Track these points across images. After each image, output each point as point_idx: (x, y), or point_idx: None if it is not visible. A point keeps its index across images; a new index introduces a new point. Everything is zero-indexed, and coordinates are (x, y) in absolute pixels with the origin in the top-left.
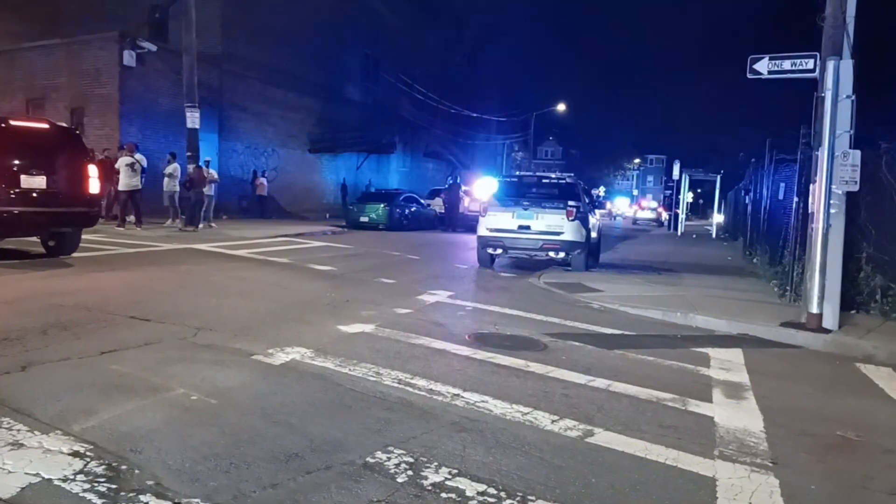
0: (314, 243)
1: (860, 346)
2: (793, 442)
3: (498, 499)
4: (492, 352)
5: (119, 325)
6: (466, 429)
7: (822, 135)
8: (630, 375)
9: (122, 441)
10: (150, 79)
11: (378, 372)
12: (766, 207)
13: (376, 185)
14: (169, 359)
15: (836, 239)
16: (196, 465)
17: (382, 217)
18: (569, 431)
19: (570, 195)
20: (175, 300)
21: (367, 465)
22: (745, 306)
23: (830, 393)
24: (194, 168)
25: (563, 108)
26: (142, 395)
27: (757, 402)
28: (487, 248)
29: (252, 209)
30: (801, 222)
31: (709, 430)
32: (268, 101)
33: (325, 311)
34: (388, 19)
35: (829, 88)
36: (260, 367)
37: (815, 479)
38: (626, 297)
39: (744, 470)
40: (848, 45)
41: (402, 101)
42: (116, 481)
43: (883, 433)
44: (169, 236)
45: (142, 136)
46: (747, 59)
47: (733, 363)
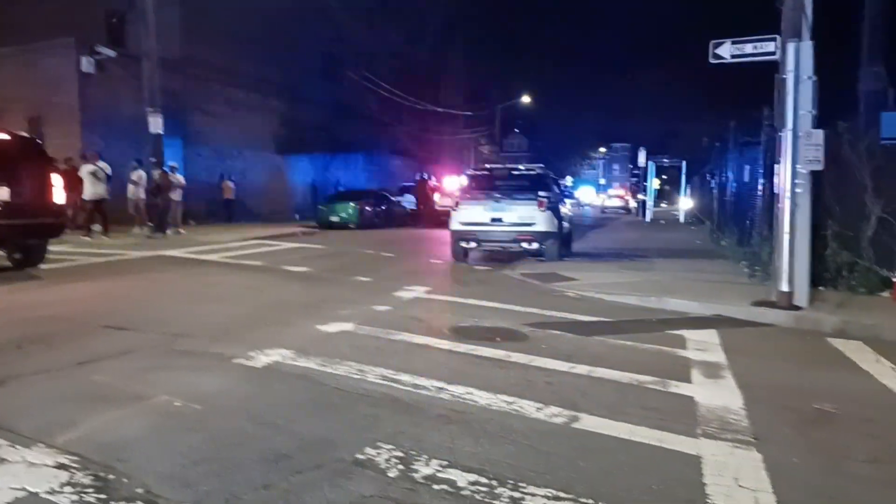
0: (286, 245)
1: (830, 322)
2: (772, 417)
3: (490, 487)
4: (473, 344)
5: (94, 335)
6: (453, 421)
7: (786, 116)
8: (610, 360)
9: (107, 451)
10: (111, 85)
11: (361, 369)
12: (733, 190)
13: (345, 183)
14: (148, 366)
15: (802, 218)
16: (186, 471)
17: (353, 216)
18: (554, 418)
19: (540, 186)
20: (150, 308)
21: (357, 461)
22: (717, 288)
23: (805, 368)
24: (160, 174)
25: (528, 100)
26: (124, 403)
27: (735, 380)
28: (461, 241)
29: (220, 213)
30: (768, 203)
31: (690, 410)
32: (231, 104)
33: (303, 311)
34: (349, 17)
35: (791, 70)
36: (241, 371)
37: (796, 452)
38: (600, 285)
39: (727, 447)
40: (807, 26)
41: (368, 98)
42: (105, 491)
43: (858, 404)
44: (137, 244)
45: (104, 144)
46: (709, 43)
47: (709, 343)
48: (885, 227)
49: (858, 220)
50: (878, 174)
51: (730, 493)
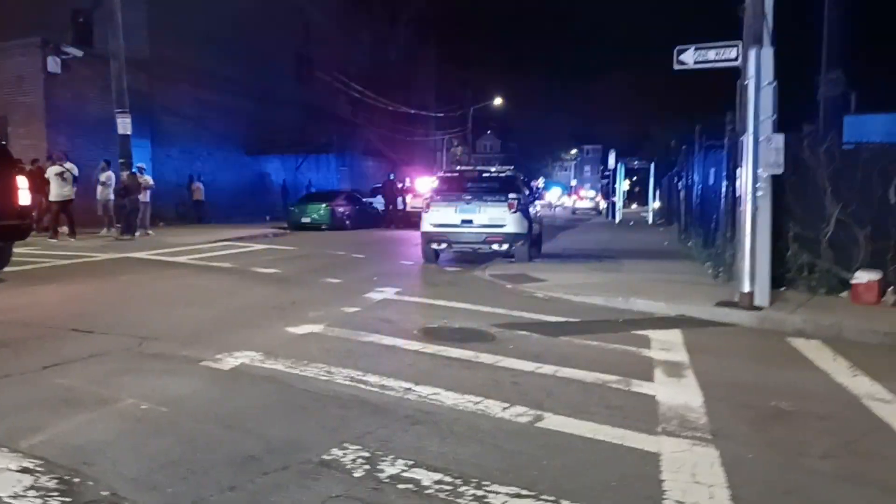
0: (256, 246)
1: (790, 321)
2: (731, 414)
3: (454, 486)
4: (441, 345)
5: (61, 338)
6: (420, 421)
7: (747, 120)
8: (576, 360)
9: (73, 455)
10: (77, 85)
11: (329, 371)
12: (698, 192)
13: (316, 184)
14: (116, 370)
15: (763, 220)
16: (153, 474)
17: (324, 217)
18: (520, 417)
19: (510, 188)
20: (118, 311)
21: (323, 462)
22: (682, 288)
23: (764, 367)
24: (128, 175)
25: (500, 102)
26: (90, 407)
27: (696, 378)
28: (432, 243)
29: (189, 215)
30: (731, 205)
31: (652, 409)
32: (201, 105)
33: (273, 314)
34: (320, 18)
35: (752, 76)
36: (210, 374)
37: (753, 449)
38: (569, 286)
39: (686, 444)
40: (768, 33)
41: (339, 99)
42: (70, 494)
43: (814, 402)
44: (105, 246)
45: (71, 145)
46: (675, 49)
47: (673, 343)
48: (843, 229)
49: (818, 223)
50: (837, 177)
51: (686, 488)
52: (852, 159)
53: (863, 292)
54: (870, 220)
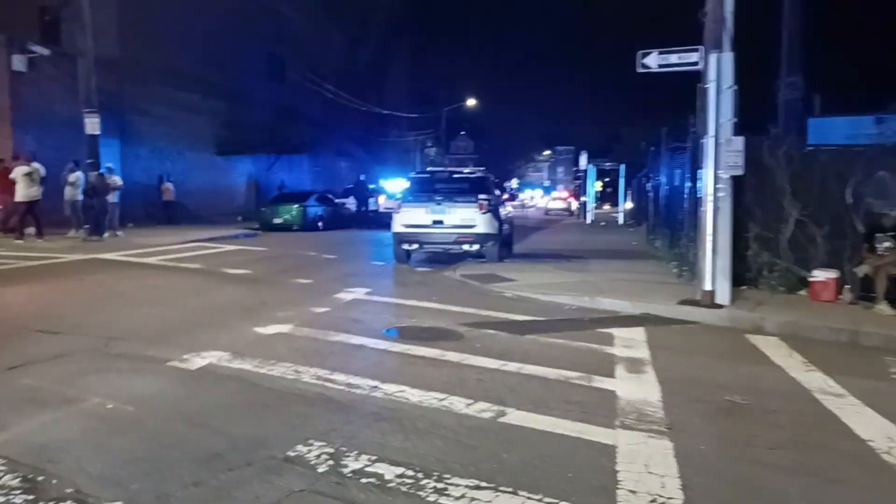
0: (227, 247)
1: (750, 319)
2: (686, 409)
3: (416, 479)
4: (409, 344)
5: (27, 339)
6: (385, 418)
7: (708, 123)
8: (540, 358)
9: (37, 453)
10: (44, 85)
11: (297, 370)
12: (665, 193)
13: (289, 185)
14: (82, 370)
15: (724, 220)
16: (117, 471)
17: (296, 218)
18: (483, 413)
19: (481, 189)
20: (85, 312)
21: (288, 458)
22: (647, 288)
23: (722, 363)
24: (96, 175)
25: (474, 103)
26: (56, 407)
27: (656, 374)
28: (403, 243)
29: (159, 215)
30: (693, 206)
31: (611, 403)
32: (171, 104)
33: (241, 314)
34: (292, 18)
35: (713, 80)
36: (176, 373)
37: (705, 441)
38: (537, 285)
39: (642, 436)
40: (728, 39)
41: (312, 100)
42: (34, 492)
43: (767, 396)
44: (73, 247)
45: (38, 145)
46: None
47: (636, 341)
48: (802, 229)
49: (778, 223)
50: (796, 179)
51: (639, 478)
52: (811, 162)
53: (820, 290)
54: (827, 220)
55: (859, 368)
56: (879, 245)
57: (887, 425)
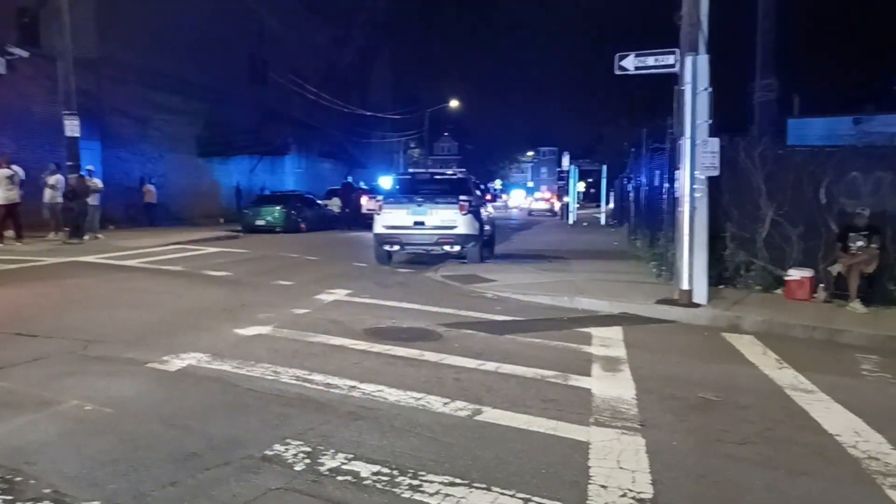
0: (208, 249)
1: (726, 318)
2: (660, 406)
3: (391, 477)
4: (388, 344)
5: (3, 342)
6: (362, 417)
7: (684, 124)
8: (518, 357)
9: (13, 455)
10: (22, 86)
11: (276, 371)
12: (645, 194)
13: (271, 187)
14: (59, 373)
15: (701, 220)
16: (94, 472)
17: (279, 219)
18: (459, 412)
19: (462, 190)
20: (62, 315)
21: (265, 457)
22: (626, 287)
23: (697, 361)
24: (76, 178)
25: (457, 104)
26: (32, 409)
27: (631, 372)
28: (384, 245)
29: (140, 218)
30: (671, 206)
31: (586, 401)
32: (152, 106)
33: (222, 316)
34: (274, 20)
35: (689, 82)
36: (155, 375)
37: (677, 437)
38: (517, 285)
39: (615, 433)
40: (703, 41)
41: (295, 101)
42: (11, 493)
43: (739, 393)
44: (52, 250)
45: (16, 147)
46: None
47: (613, 340)
48: (778, 229)
49: (754, 223)
50: (771, 179)
51: (611, 473)
52: (785, 162)
53: (795, 289)
54: (802, 220)
55: (831, 365)
56: (852, 244)
57: (855, 420)
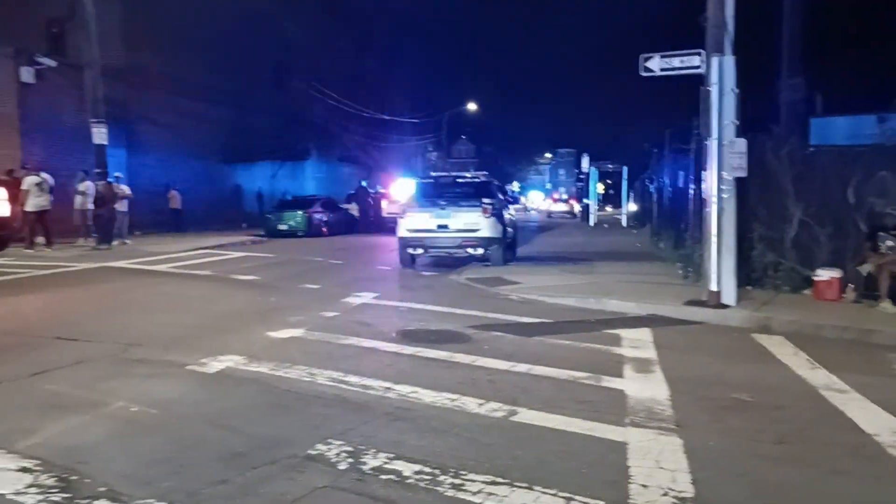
0: (235, 254)
1: (755, 318)
2: (694, 406)
3: (433, 476)
4: (419, 346)
5: (46, 346)
6: (400, 418)
7: (711, 125)
8: (549, 359)
9: (68, 455)
10: (51, 95)
11: (311, 373)
12: (669, 195)
13: (293, 192)
14: (103, 375)
15: (729, 221)
16: (146, 470)
17: (301, 224)
18: (495, 413)
19: (484, 193)
20: (100, 319)
21: (309, 456)
22: (653, 289)
23: (728, 362)
24: (104, 184)
25: (475, 107)
26: (81, 411)
27: (663, 374)
28: (408, 248)
29: (167, 223)
30: (698, 207)
31: (621, 402)
32: (177, 113)
33: (254, 319)
34: (295, 26)
35: (715, 83)
36: (195, 377)
37: (713, 437)
38: (543, 288)
39: (651, 433)
40: (729, 42)
41: (315, 106)
42: (69, 490)
43: (773, 393)
44: (82, 255)
45: (46, 155)
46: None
47: (642, 341)
48: (806, 229)
49: (782, 223)
50: (799, 179)
51: (650, 473)
52: (813, 162)
53: (824, 289)
54: (830, 220)
55: (863, 365)
56: (882, 244)
57: (892, 420)
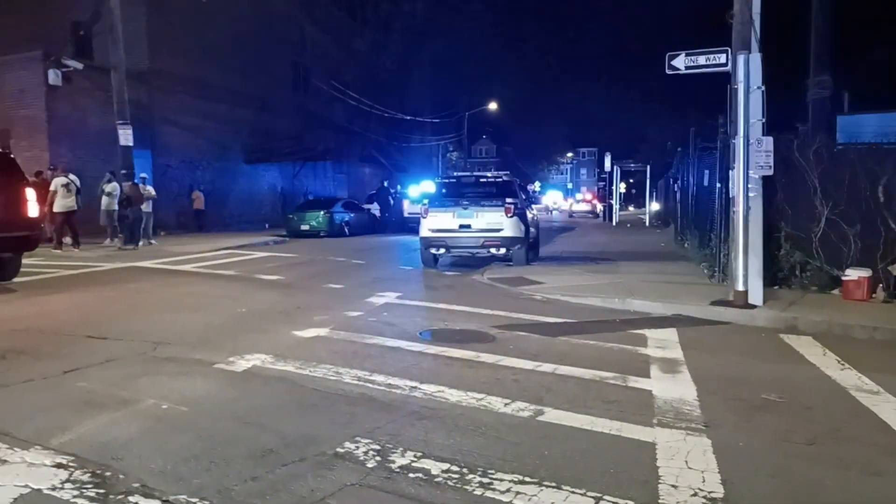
0: (258, 254)
1: (783, 318)
2: (723, 407)
3: (461, 474)
4: (443, 346)
5: (76, 345)
6: (427, 416)
7: (738, 124)
8: (574, 359)
9: (101, 451)
10: (78, 98)
11: (338, 371)
12: (693, 194)
13: (314, 192)
14: (133, 373)
15: (755, 220)
16: (178, 467)
17: (323, 224)
18: (521, 412)
19: (507, 192)
20: (128, 318)
21: (337, 454)
22: (678, 289)
23: (757, 362)
24: (130, 185)
25: (495, 106)
26: (113, 408)
27: (690, 374)
28: (430, 248)
29: (190, 224)
30: (724, 206)
31: (648, 402)
32: (199, 115)
33: (279, 318)
34: (315, 27)
35: (741, 81)
36: (223, 375)
37: (742, 437)
38: (566, 288)
39: (680, 434)
40: (756, 39)
41: (336, 107)
42: (103, 486)
43: (802, 393)
44: (109, 256)
45: (73, 156)
46: (666, 55)
47: (668, 341)
48: (833, 228)
49: (809, 222)
50: (826, 177)
51: (680, 473)
52: (840, 160)
53: (853, 289)
54: (859, 218)
55: (894, 366)
56: None
57: None
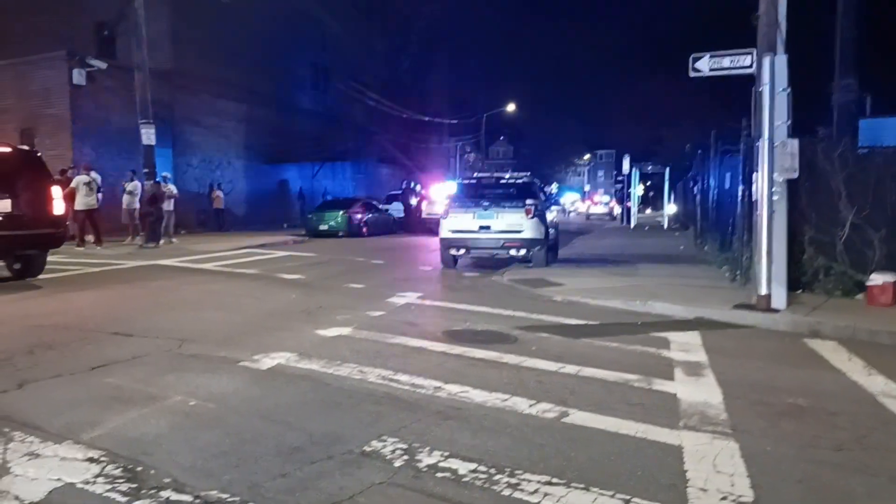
0: (278, 253)
1: (807, 323)
2: (749, 411)
3: (489, 475)
4: (466, 346)
5: (103, 341)
6: (452, 416)
7: (762, 126)
8: (597, 361)
9: (132, 446)
10: (101, 97)
11: (362, 370)
12: (714, 197)
13: (332, 192)
14: (160, 370)
15: (779, 224)
16: (207, 463)
17: (342, 224)
18: (546, 413)
19: (527, 194)
20: (152, 315)
21: (364, 453)
22: (700, 292)
23: (781, 366)
24: (152, 184)
25: (513, 107)
26: (141, 404)
27: (715, 377)
28: (450, 249)
29: (210, 223)
30: (747, 209)
31: (673, 405)
32: (220, 114)
33: (302, 317)
34: (335, 28)
35: (766, 83)
36: (249, 373)
37: (770, 442)
38: (587, 290)
39: (707, 437)
40: (781, 41)
41: (355, 107)
42: (135, 481)
43: (828, 399)
44: (131, 254)
45: (96, 155)
46: (689, 56)
47: (692, 345)
48: (858, 233)
49: (833, 226)
50: (851, 181)
51: (708, 476)
52: (866, 163)
53: (878, 294)
54: (884, 223)
55: None
56: None
57: None
